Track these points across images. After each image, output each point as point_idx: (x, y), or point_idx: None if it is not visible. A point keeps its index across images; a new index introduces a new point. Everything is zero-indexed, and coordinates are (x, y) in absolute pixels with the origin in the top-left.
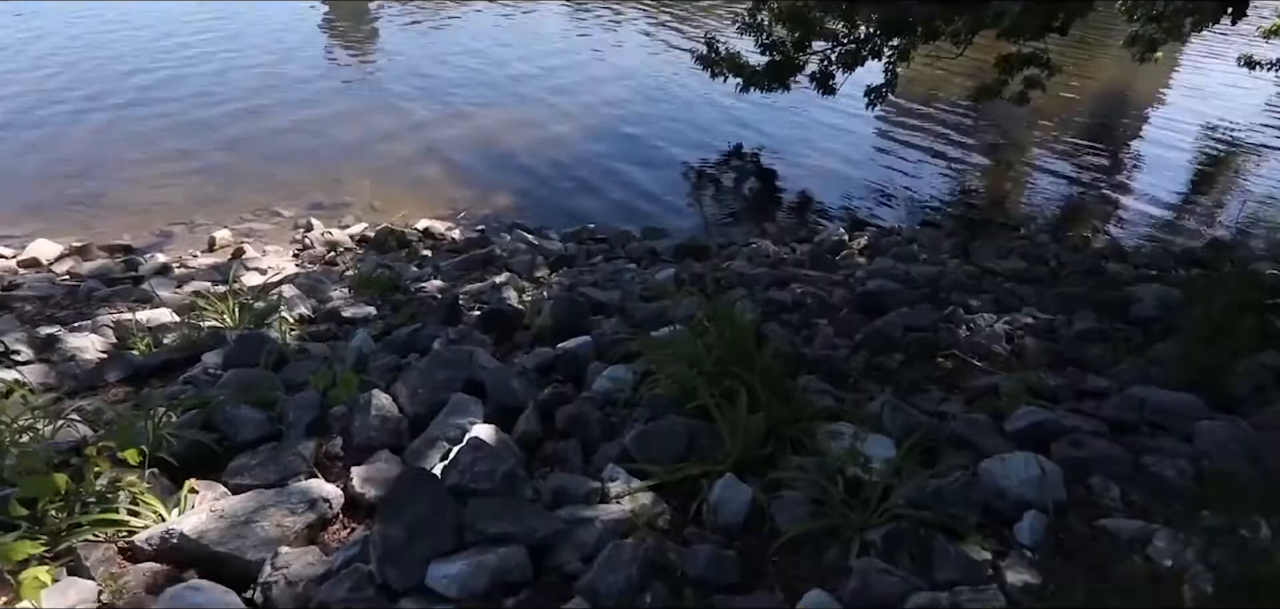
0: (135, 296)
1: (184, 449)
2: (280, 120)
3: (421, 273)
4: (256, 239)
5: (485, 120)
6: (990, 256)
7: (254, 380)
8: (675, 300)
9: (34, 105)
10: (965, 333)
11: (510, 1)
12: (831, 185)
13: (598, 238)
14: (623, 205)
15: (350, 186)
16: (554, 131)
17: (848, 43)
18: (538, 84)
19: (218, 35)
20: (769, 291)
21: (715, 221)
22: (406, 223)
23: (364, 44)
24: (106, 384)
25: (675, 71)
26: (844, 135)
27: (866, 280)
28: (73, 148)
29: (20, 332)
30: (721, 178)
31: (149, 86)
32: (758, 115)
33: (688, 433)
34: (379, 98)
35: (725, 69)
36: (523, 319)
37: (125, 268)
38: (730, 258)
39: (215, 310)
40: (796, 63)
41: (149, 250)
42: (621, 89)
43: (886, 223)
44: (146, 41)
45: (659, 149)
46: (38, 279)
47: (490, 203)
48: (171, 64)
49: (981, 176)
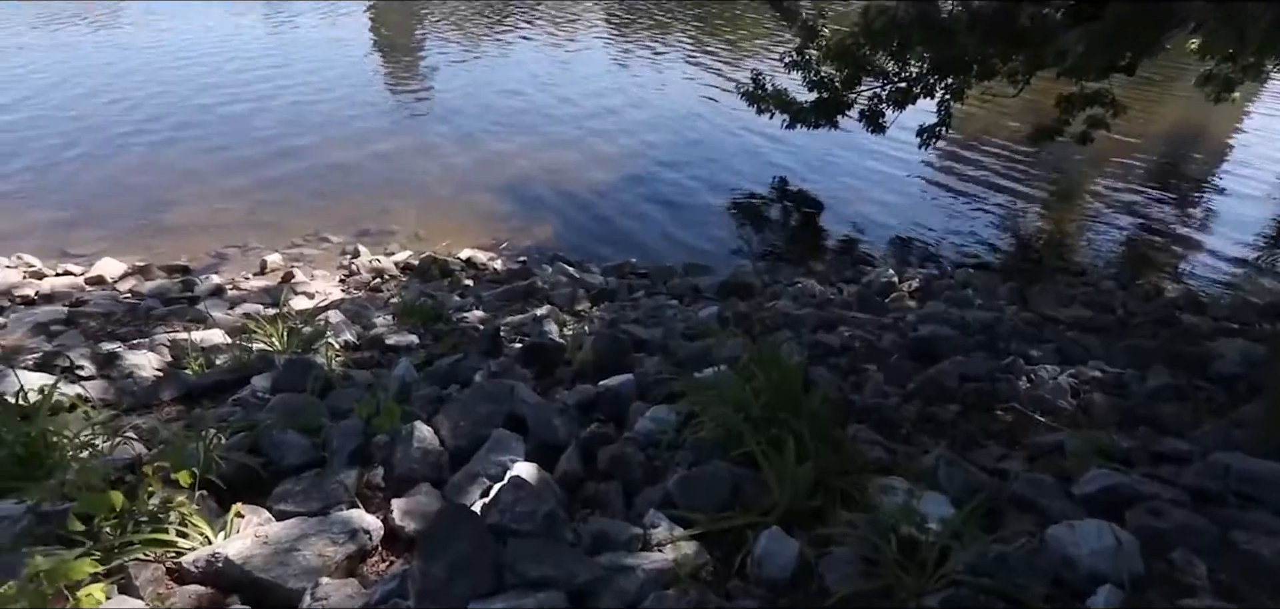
0: (190, 316)
1: (231, 472)
2: (332, 150)
3: (464, 302)
4: (306, 264)
5: (528, 153)
6: (1051, 303)
7: (300, 406)
8: (719, 340)
9: (105, 133)
10: (1026, 385)
11: (554, 37)
12: (879, 225)
13: (639, 272)
14: (664, 240)
15: (396, 215)
16: (597, 165)
17: (899, 81)
18: (580, 118)
19: (275, 69)
20: (815, 334)
21: (759, 259)
22: (450, 252)
23: (412, 78)
24: (161, 402)
25: (718, 107)
26: (893, 174)
27: (918, 325)
28: (139, 173)
29: (84, 347)
30: (765, 215)
31: (212, 116)
32: (803, 152)
33: (732, 480)
34: (426, 130)
35: (771, 105)
36: (564, 353)
37: (182, 288)
38: (775, 297)
39: (265, 334)
40: (845, 100)
41: (205, 271)
42: (664, 123)
43: (938, 265)
44: (209, 73)
45: (702, 184)
46: (102, 296)
47: (532, 234)
48: (233, 95)
49: (1039, 219)
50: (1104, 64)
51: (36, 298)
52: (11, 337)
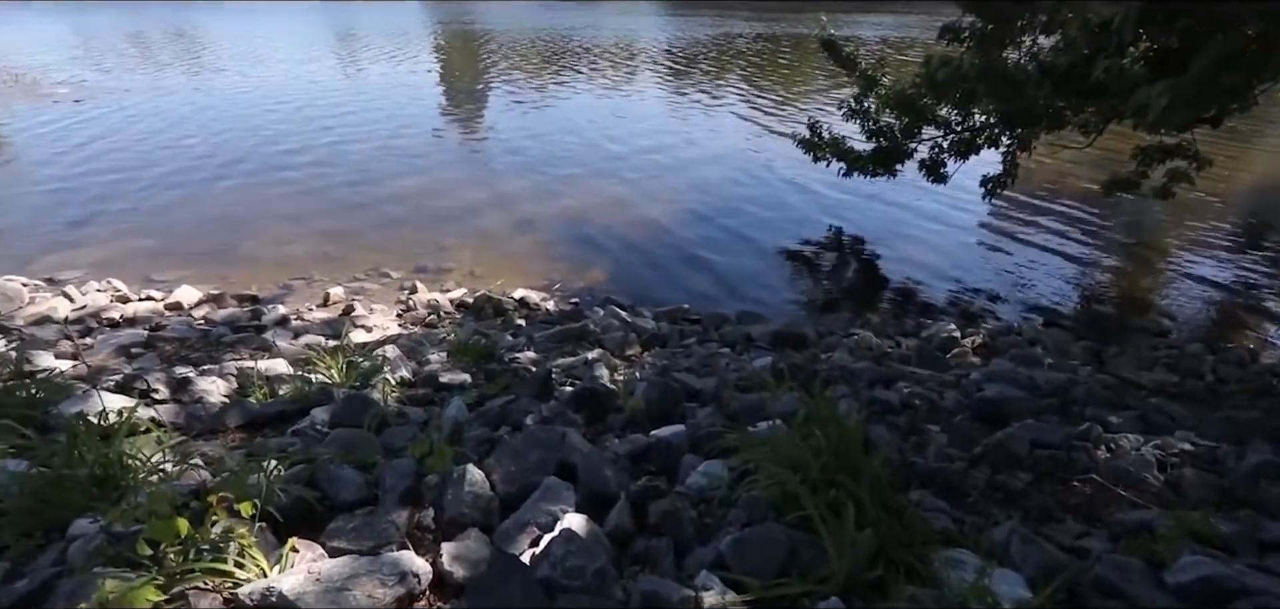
0: (257, 344)
1: (289, 504)
2: (395, 188)
3: (516, 342)
4: (366, 297)
5: (583, 196)
6: (1130, 366)
7: (356, 442)
8: (774, 393)
9: (193, 169)
10: (1106, 455)
11: (611, 81)
12: (939, 277)
13: (691, 318)
14: (717, 286)
15: (453, 253)
16: (650, 209)
17: (961, 131)
18: (635, 163)
19: (347, 112)
20: (873, 390)
21: (813, 309)
22: (503, 291)
23: (474, 120)
24: (227, 428)
25: (772, 154)
26: (954, 224)
27: (983, 384)
28: (220, 207)
29: (160, 371)
30: (820, 263)
31: (287, 156)
32: (860, 200)
33: (789, 544)
34: (485, 171)
35: (828, 153)
36: (615, 399)
37: (251, 317)
38: (830, 349)
39: (325, 366)
40: (904, 149)
41: (272, 301)
42: (718, 170)
43: (1003, 320)
44: (287, 116)
45: (755, 231)
46: (179, 322)
47: (585, 276)
48: (307, 137)
49: (1114, 276)
50: (1189, 119)
51: (121, 321)
52: (98, 356)
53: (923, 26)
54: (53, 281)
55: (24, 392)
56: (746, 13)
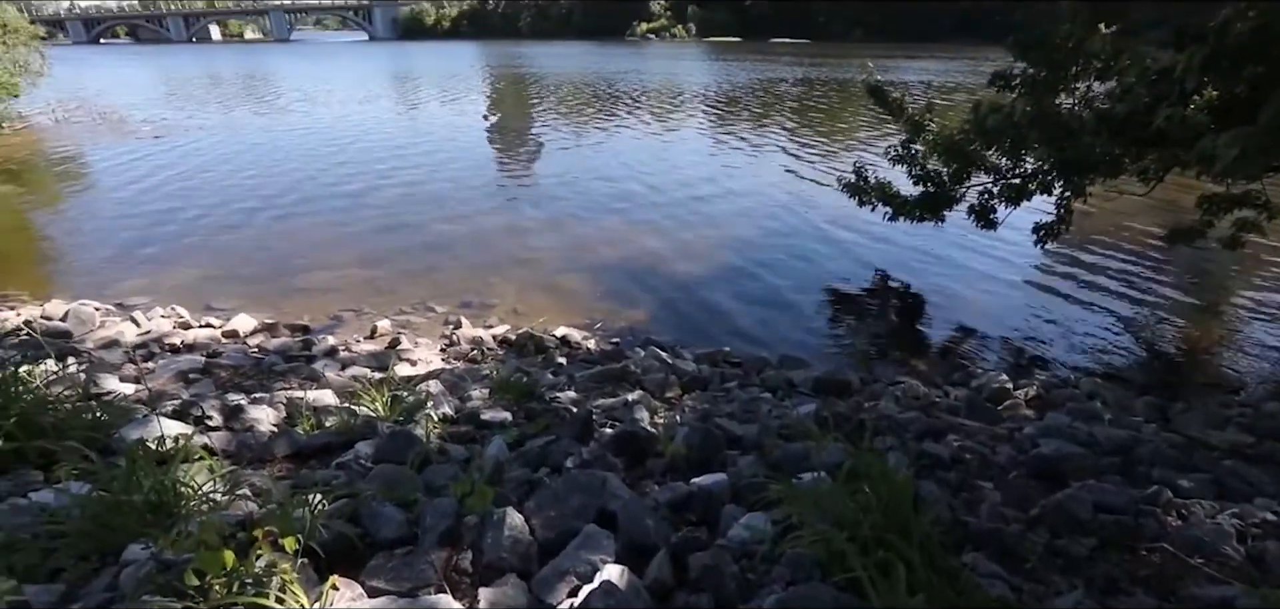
0: (306, 374)
1: (331, 540)
2: (443, 224)
3: (557, 381)
4: (411, 331)
5: (626, 235)
6: (1199, 425)
7: (398, 478)
8: (818, 443)
9: (255, 202)
10: (1177, 523)
11: (656, 124)
12: (988, 325)
13: (732, 361)
14: (759, 329)
15: (497, 289)
16: (692, 250)
17: (1012, 177)
18: (678, 203)
19: (400, 149)
20: (922, 442)
21: (857, 355)
22: (545, 328)
23: (521, 160)
24: (274, 458)
25: (815, 198)
26: (1003, 271)
27: (1038, 439)
28: (278, 238)
29: (215, 398)
30: (864, 308)
31: (343, 191)
32: (905, 245)
33: (835, 606)
34: (530, 209)
35: (874, 197)
36: (656, 444)
37: (301, 346)
38: (875, 397)
39: (370, 399)
40: (952, 195)
41: (322, 332)
42: (760, 212)
43: (1057, 372)
44: (345, 153)
45: (797, 274)
46: (235, 349)
47: (625, 316)
48: (362, 172)
49: (1178, 328)
50: (1260, 169)
51: (181, 347)
52: (158, 381)
53: (967, 71)
54: (122, 306)
55: (90, 414)
56: (789, 58)
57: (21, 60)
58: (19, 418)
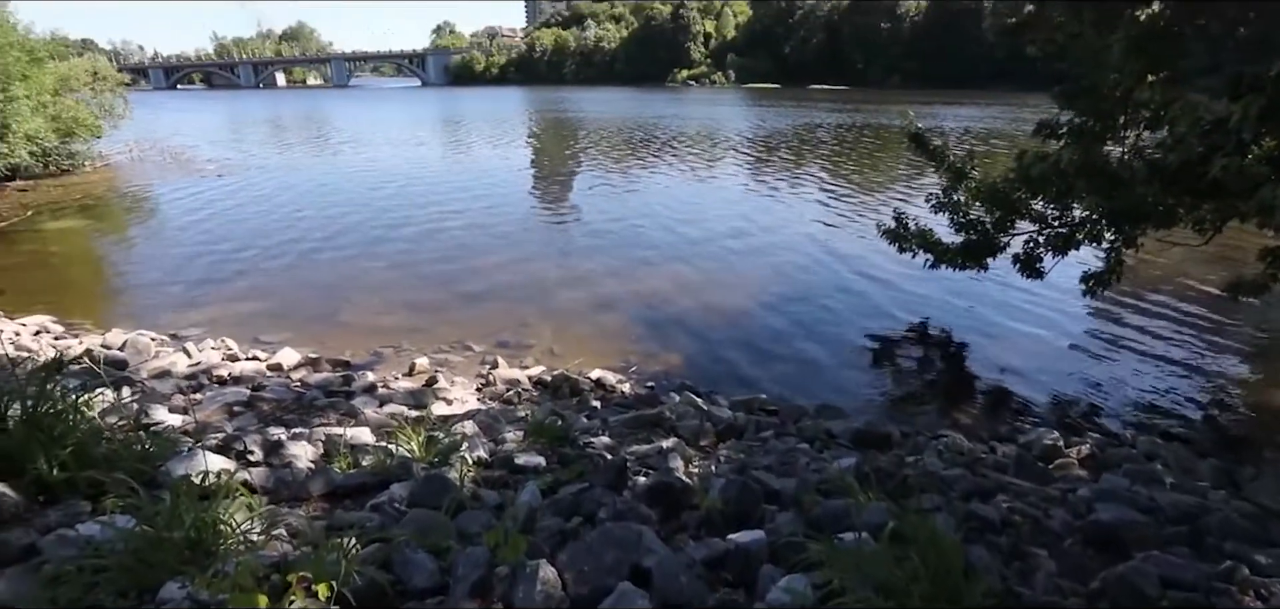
0: (345, 410)
1: (363, 586)
2: (483, 264)
3: (591, 424)
4: (448, 369)
5: (662, 278)
6: (1272, 493)
7: (432, 524)
8: (859, 501)
9: (306, 239)
10: (1257, 604)
11: (695, 168)
12: (1035, 377)
13: (768, 409)
14: (795, 376)
15: (534, 329)
16: (728, 295)
17: (1059, 225)
18: (714, 247)
19: (447, 190)
20: (970, 503)
21: (897, 406)
22: (580, 370)
23: (560, 202)
24: (310, 497)
25: (853, 243)
26: (1051, 321)
27: (1094, 503)
28: (326, 274)
29: (257, 432)
30: (903, 357)
31: (389, 230)
32: (946, 293)
33: None
34: (569, 251)
35: (914, 244)
36: (691, 495)
37: (341, 382)
38: (917, 451)
39: (406, 438)
40: (996, 243)
41: (362, 368)
42: (797, 257)
43: (1111, 429)
44: (394, 194)
45: (835, 320)
46: (278, 383)
47: (661, 359)
48: (409, 212)
49: (1243, 386)
50: None
51: (228, 379)
52: (205, 412)
53: (1006, 118)
54: (176, 337)
55: (139, 445)
56: (827, 104)
57: (107, 104)
58: (74, 448)
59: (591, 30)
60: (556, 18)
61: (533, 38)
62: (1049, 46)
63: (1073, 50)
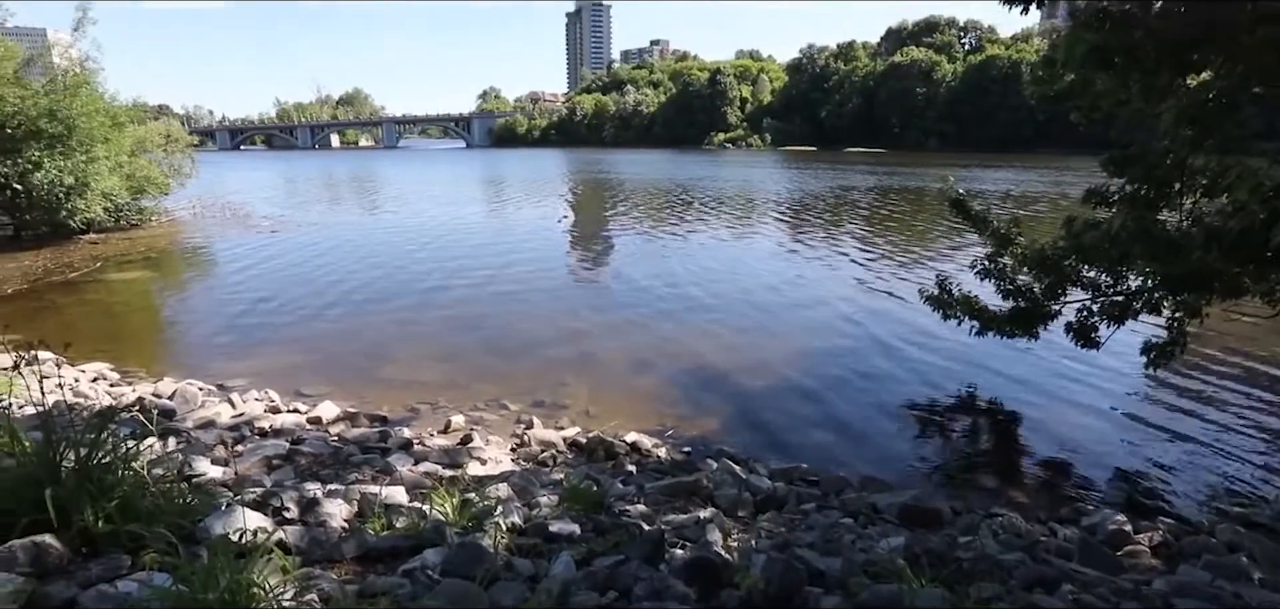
0: (380, 467)
1: None
2: (522, 322)
3: (626, 491)
4: (484, 427)
5: (699, 339)
6: None
7: (465, 596)
8: (910, 587)
9: (346, 293)
10: None
11: (731, 229)
12: (1096, 452)
13: (809, 478)
14: (836, 444)
15: (570, 389)
16: (766, 357)
17: (1114, 294)
18: (752, 309)
19: (487, 247)
20: (1032, 592)
21: (946, 479)
22: (616, 433)
23: (598, 262)
24: (343, 559)
25: (893, 307)
26: (1110, 392)
27: (1173, 599)
28: (368, 329)
29: (294, 488)
30: (950, 426)
31: (427, 284)
32: (994, 360)
33: None
34: (606, 311)
35: (959, 311)
36: (731, 572)
37: (378, 438)
38: (970, 530)
39: (440, 499)
40: (1047, 311)
41: (399, 423)
42: (835, 320)
43: (1184, 514)
44: (436, 251)
45: (878, 386)
46: (317, 436)
47: (698, 424)
48: (450, 269)
49: None
50: None
51: (269, 431)
52: (245, 464)
53: (1048, 182)
54: (222, 387)
55: (181, 499)
56: (864, 167)
57: (177, 164)
58: (120, 501)
59: (630, 95)
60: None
61: (574, 102)
62: (1093, 113)
63: (1119, 116)
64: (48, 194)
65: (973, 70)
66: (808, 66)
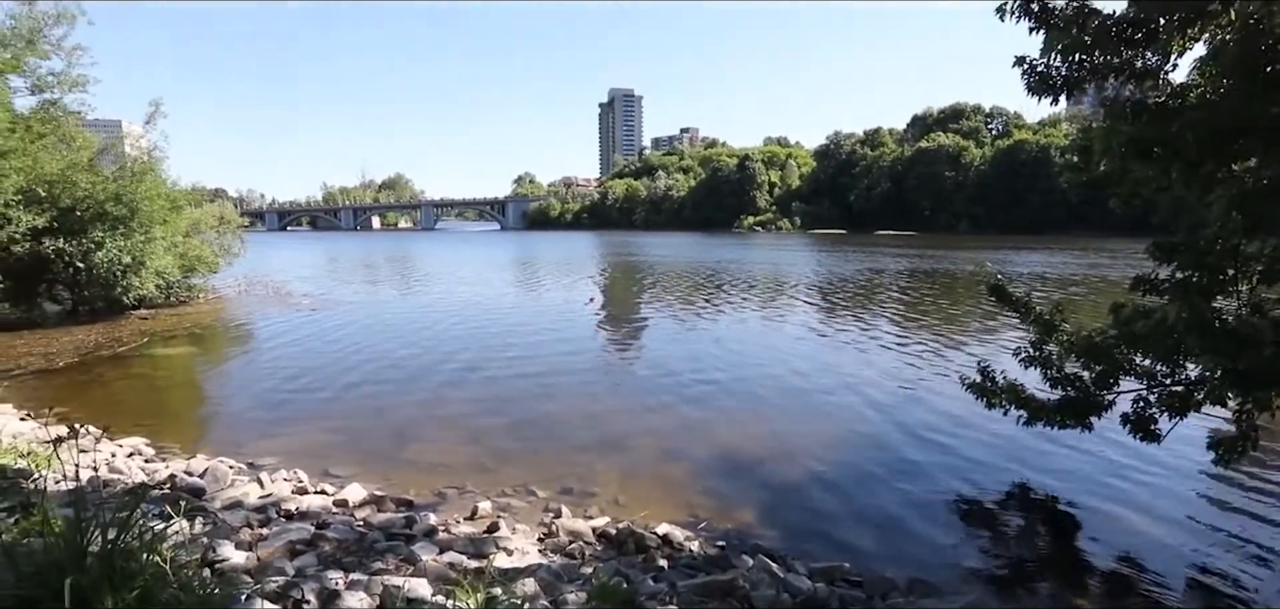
0: (404, 555)
1: None
2: (551, 404)
3: (658, 588)
4: (511, 515)
5: (731, 425)
6: None
7: None
8: None
9: (379, 373)
10: None
11: (763, 311)
12: (1163, 557)
13: (851, 579)
14: (879, 541)
15: (600, 476)
16: (802, 445)
17: (1173, 384)
18: (785, 392)
19: (519, 329)
20: None
21: (1001, 584)
22: (646, 524)
23: (629, 345)
24: None
25: (930, 394)
26: (1177, 487)
27: None
28: (396, 409)
29: (315, 579)
30: (1001, 523)
31: (459, 365)
32: (1046, 452)
33: None
34: (637, 395)
35: (1004, 400)
36: None
37: (404, 523)
38: None
39: (464, 594)
40: (1099, 401)
41: (425, 509)
42: (871, 407)
43: None
44: (469, 331)
45: (920, 477)
46: (342, 520)
47: (732, 515)
48: (477, 349)
49: None
50: None
51: (295, 513)
52: (269, 548)
53: (1082, 264)
54: (252, 465)
55: (201, 589)
56: (894, 250)
57: (227, 244)
58: (141, 591)
59: (661, 180)
60: (628, 168)
61: (606, 186)
62: (1131, 200)
63: (1161, 202)
64: (106, 272)
65: (1001, 154)
66: (834, 152)
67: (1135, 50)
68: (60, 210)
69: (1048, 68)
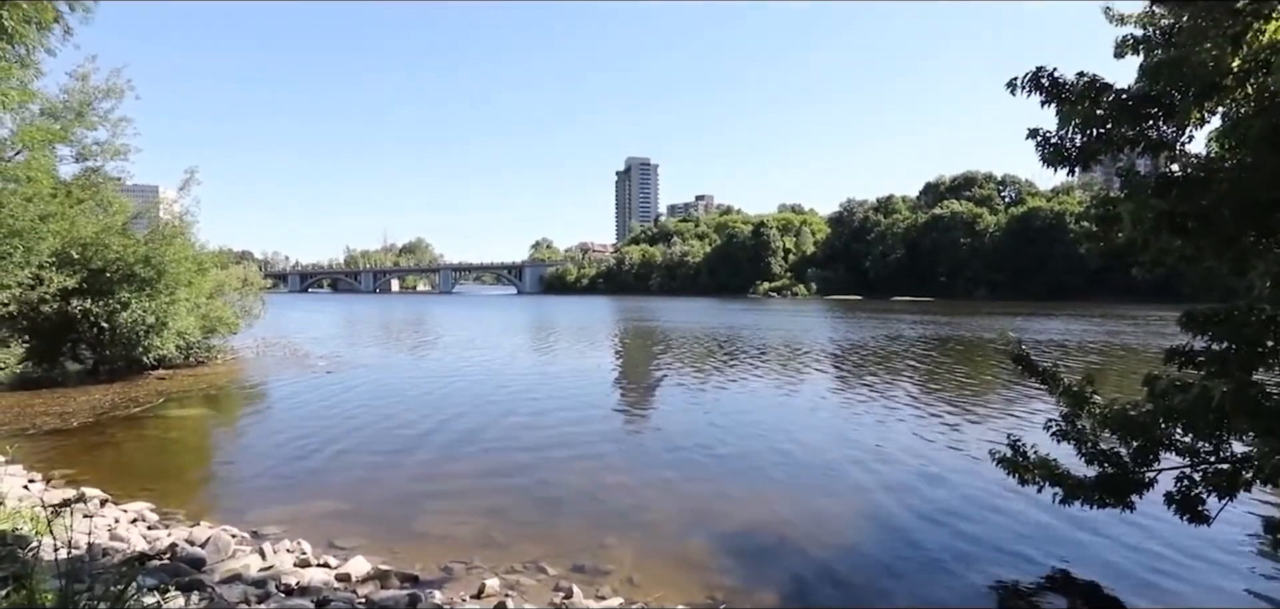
0: None
1: None
2: (565, 477)
3: None
4: (519, 593)
5: (750, 499)
6: None
7: None
8: None
9: (389, 439)
10: None
11: (781, 380)
12: None
13: None
14: None
15: (613, 552)
16: (825, 521)
17: (1218, 461)
18: (805, 467)
19: (530, 395)
20: None
21: None
22: (662, 607)
23: (644, 413)
24: None
25: (955, 469)
26: (1230, 566)
27: None
28: (405, 478)
29: None
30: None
31: (470, 433)
32: (1087, 533)
33: None
34: (652, 467)
35: (1037, 476)
36: None
37: (408, 602)
38: None
39: None
40: (1139, 478)
41: (430, 585)
42: (895, 481)
43: None
44: (480, 398)
45: (954, 559)
46: (343, 597)
47: (751, 597)
48: (490, 416)
49: None
50: None
51: (295, 588)
52: None
53: (1101, 330)
54: (256, 534)
55: None
56: (911, 316)
57: (248, 306)
58: None
59: (677, 245)
60: (644, 234)
61: (622, 252)
62: (1156, 269)
63: (1191, 272)
64: (129, 332)
65: (1016, 221)
66: (848, 219)
67: (1151, 122)
68: (91, 272)
69: (1062, 139)
